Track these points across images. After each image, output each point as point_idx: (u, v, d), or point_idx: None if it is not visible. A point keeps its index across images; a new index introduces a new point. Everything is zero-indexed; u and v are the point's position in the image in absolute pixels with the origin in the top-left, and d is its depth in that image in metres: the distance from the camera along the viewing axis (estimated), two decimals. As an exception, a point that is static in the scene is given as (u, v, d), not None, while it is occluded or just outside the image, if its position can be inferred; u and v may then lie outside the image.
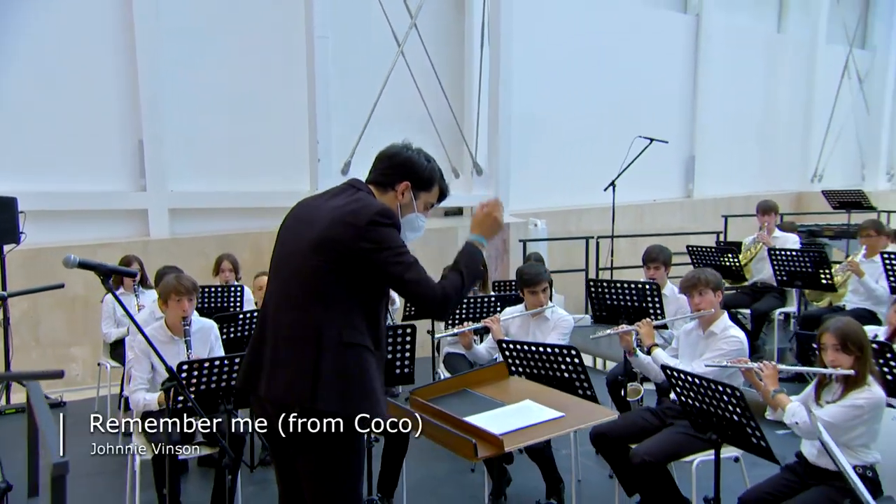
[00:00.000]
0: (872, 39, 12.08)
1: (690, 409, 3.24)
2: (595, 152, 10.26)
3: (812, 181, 11.49)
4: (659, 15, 11.10)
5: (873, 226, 6.11)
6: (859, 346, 3.17)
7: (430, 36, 8.44)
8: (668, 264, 5.24)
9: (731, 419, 3.03)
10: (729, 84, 11.15)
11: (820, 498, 3.11)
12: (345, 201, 2.35)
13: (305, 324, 2.29)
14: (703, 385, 3.10)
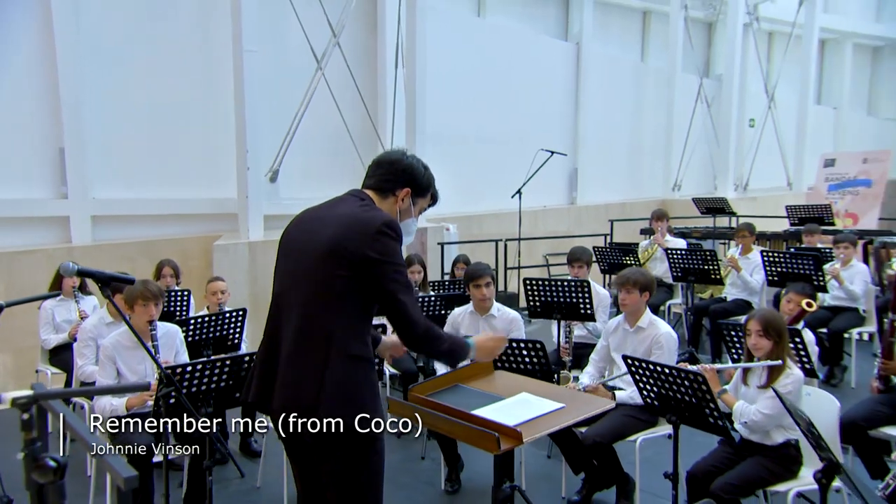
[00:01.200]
0: (717, 69, 12.92)
1: (648, 394, 3.34)
2: (494, 163, 10.48)
3: (673, 190, 12.16)
4: (546, 42, 11.45)
5: (747, 228, 6.59)
6: (779, 332, 3.40)
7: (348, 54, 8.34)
8: (589, 263, 5.41)
9: (689, 402, 3.15)
10: (604, 105, 11.65)
11: (756, 466, 3.32)
12: (351, 209, 2.24)
13: (316, 332, 2.18)
14: (664, 372, 3.21)
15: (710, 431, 3.19)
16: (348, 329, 2.19)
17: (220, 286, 5.12)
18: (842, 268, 5.88)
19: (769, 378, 3.37)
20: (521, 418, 2.50)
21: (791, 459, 3.37)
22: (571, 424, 2.57)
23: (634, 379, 3.39)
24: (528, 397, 2.75)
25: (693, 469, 3.41)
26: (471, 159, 10.31)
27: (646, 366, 3.28)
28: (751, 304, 6.34)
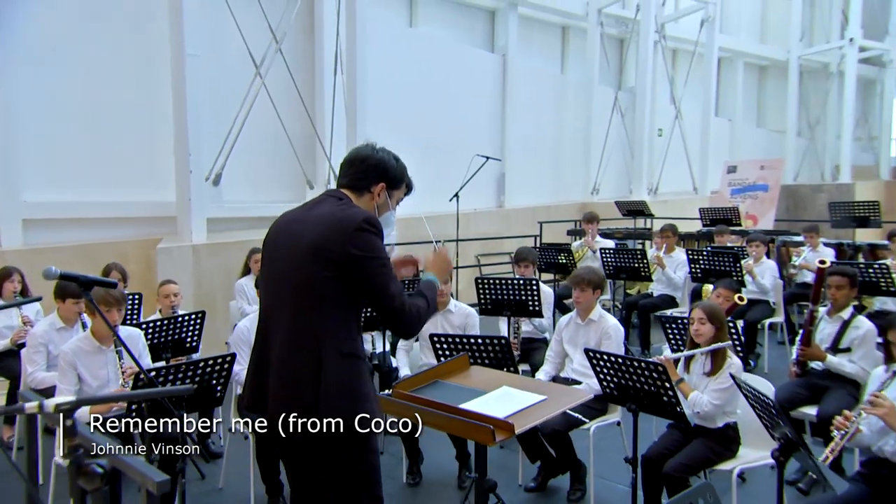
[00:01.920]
0: (629, 83, 13.34)
1: (608, 384, 3.41)
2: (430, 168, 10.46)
3: (592, 194, 12.48)
4: (475, 53, 11.52)
5: (671, 229, 6.85)
6: (719, 320, 3.58)
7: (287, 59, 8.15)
8: (535, 263, 5.49)
9: (648, 391, 3.23)
10: (529, 114, 11.84)
11: (702, 447, 3.46)
12: (329, 209, 2.18)
13: (307, 335, 2.10)
14: (625, 363, 3.29)
15: (668, 418, 3.29)
16: (339, 329, 2.13)
17: (172, 289, 4.92)
18: (754, 264, 6.19)
19: (713, 366, 3.52)
20: (510, 410, 2.51)
21: (731, 441, 3.53)
22: (556, 415, 2.59)
23: (595, 370, 3.47)
24: (510, 391, 2.75)
25: (648, 453, 3.52)
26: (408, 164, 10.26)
27: (607, 358, 3.35)
28: (675, 298, 6.59)
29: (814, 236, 6.96)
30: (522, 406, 2.55)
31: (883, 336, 3.40)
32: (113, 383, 3.56)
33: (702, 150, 13.08)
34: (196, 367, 3.19)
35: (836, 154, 16.10)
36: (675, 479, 3.32)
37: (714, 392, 3.43)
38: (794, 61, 15.98)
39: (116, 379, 3.56)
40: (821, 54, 16.46)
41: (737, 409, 3.53)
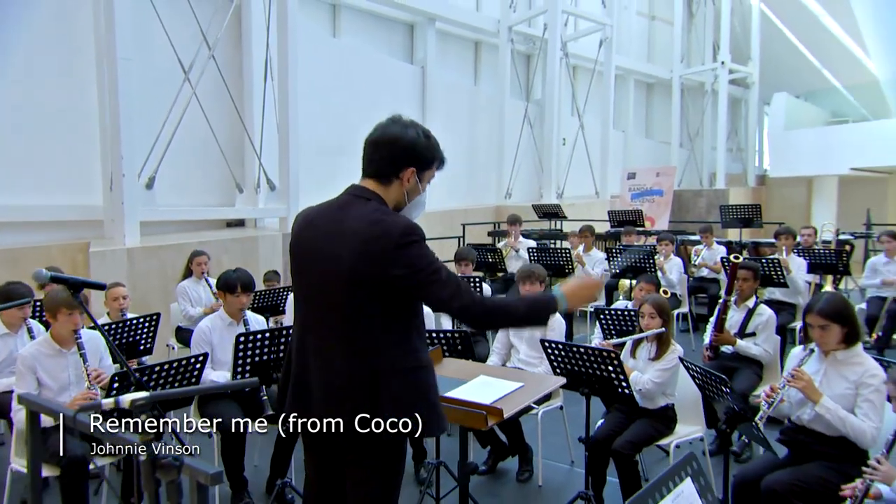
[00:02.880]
0: (536, 95, 13.73)
1: (562, 371, 3.53)
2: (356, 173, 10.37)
3: (505, 197, 12.74)
4: (396, 64, 11.52)
5: (589, 229, 7.14)
6: (667, 313, 3.77)
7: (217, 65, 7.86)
8: (474, 262, 5.58)
9: (600, 376, 3.37)
10: (446, 123, 11.94)
11: (645, 426, 3.63)
12: (361, 223, 1.92)
13: (357, 359, 1.93)
14: (578, 351, 3.41)
15: (617, 400, 3.44)
16: (395, 344, 1.96)
17: (120, 291, 4.67)
18: (664, 261, 6.55)
19: (658, 352, 3.71)
20: (494, 397, 2.56)
21: (670, 419, 3.73)
22: (536, 399, 2.67)
23: (549, 358, 3.58)
24: (488, 379, 2.81)
25: (596, 434, 3.65)
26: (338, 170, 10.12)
27: (562, 346, 3.47)
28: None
29: (708, 236, 7.45)
30: (504, 393, 2.61)
31: (803, 319, 3.69)
32: (74, 386, 3.35)
33: (602, 158, 13.65)
34: (171, 368, 3.06)
35: (712, 163, 17.21)
36: (624, 456, 3.48)
37: (657, 372, 3.62)
38: (677, 80, 16.97)
39: (78, 382, 3.35)
40: (698, 74, 17.54)
41: (675, 391, 3.74)
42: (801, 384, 2.95)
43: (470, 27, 12.63)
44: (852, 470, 2.87)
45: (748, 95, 18.15)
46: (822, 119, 17.89)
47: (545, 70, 13.14)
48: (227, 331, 3.89)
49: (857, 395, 2.92)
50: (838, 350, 3.01)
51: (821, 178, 16.84)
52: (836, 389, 2.97)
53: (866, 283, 6.55)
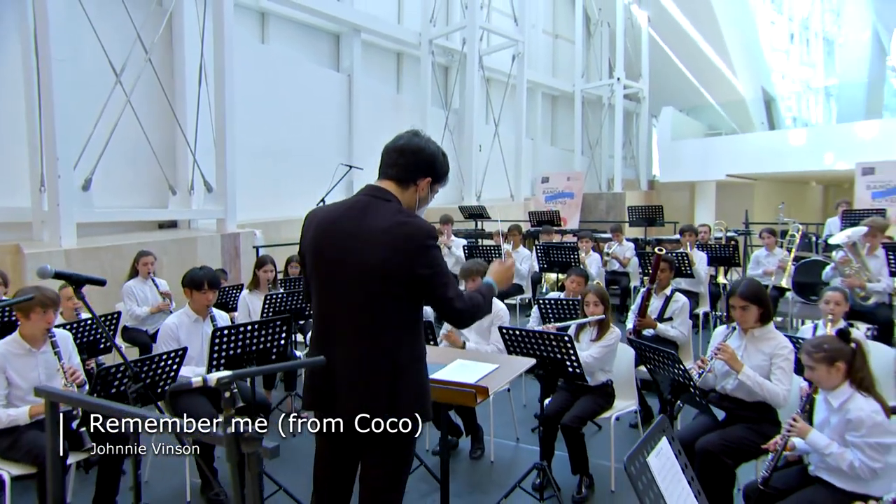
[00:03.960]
0: (455, 104, 13.95)
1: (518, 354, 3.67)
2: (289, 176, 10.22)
3: (427, 200, 12.83)
4: (323, 72, 11.40)
5: (517, 228, 7.37)
6: (606, 300, 4.01)
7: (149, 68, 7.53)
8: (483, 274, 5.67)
9: (555, 358, 3.55)
10: (372, 129, 11.96)
11: (589, 402, 3.84)
12: (387, 224, 1.98)
13: (380, 351, 2.00)
14: (535, 336, 3.57)
15: (569, 379, 3.63)
16: (409, 336, 2.05)
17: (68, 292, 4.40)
18: (585, 256, 6.88)
19: (599, 334, 3.94)
20: (476, 377, 2.67)
21: (609, 395, 3.96)
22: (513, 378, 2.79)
23: (507, 344, 3.72)
24: (465, 363, 2.91)
25: (546, 412, 3.83)
26: (270, 172, 9.94)
27: (519, 332, 3.62)
28: (521, 286, 7.11)
29: (619, 234, 7.88)
30: (484, 373, 2.72)
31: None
32: (45, 385, 3.16)
33: (516, 164, 14.03)
34: (151, 362, 2.96)
35: (609, 169, 18.06)
36: (572, 429, 3.68)
37: (598, 349, 3.85)
38: (578, 94, 17.70)
39: (48, 380, 3.17)
40: (596, 89, 18.37)
41: (612, 368, 3.98)
42: (727, 356, 3.24)
43: (393, 39, 12.67)
44: (769, 430, 3.19)
45: (639, 109, 19.18)
46: (701, 131, 19.19)
47: (463, 81, 13.38)
48: (193, 327, 3.79)
49: (772, 365, 3.24)
50: (755, 328, 3.32)
51: (702, 182, 18.08)
52: (754, 361, 3.28)
53: (751, 273, 7.14)
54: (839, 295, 4.15)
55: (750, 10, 21.00)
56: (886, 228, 6.43)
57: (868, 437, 2.57)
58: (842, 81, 22.10)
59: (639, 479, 1.82)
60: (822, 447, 2.68)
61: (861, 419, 2.60)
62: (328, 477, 2.20)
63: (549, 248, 6.71)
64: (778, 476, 2.89)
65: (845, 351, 2.68)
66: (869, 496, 2.58)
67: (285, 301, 4.91)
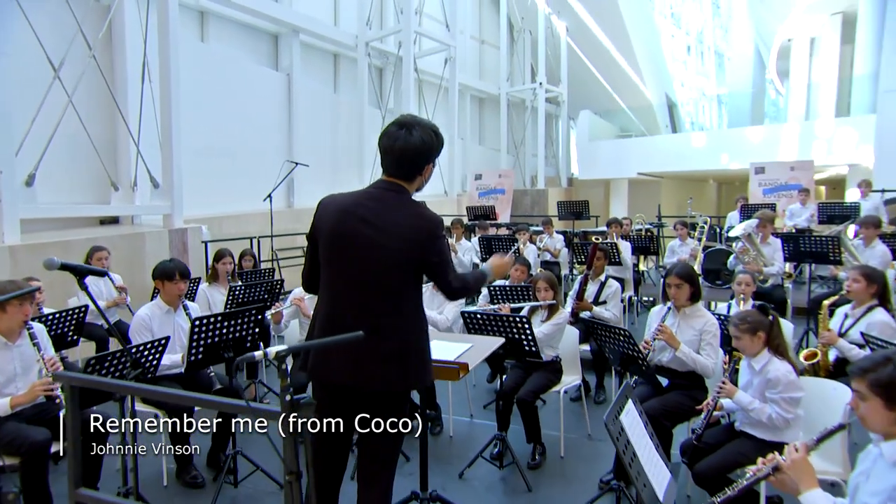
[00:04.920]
0: (391, 105, 13.96)
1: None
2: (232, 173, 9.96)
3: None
4: (262, 71, 11.16)
5: (460, 222, 7.56)
6: (555, 286, 4.24)
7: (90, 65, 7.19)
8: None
9: (513, 339, 3.73)
10: (312, 126, 11.84)
11: (540, 377, 4.05)
12: (404, 218, 2.13)
13: (393, 327, 2.14)
14: (497, 319, 3.74)
15: (526, 357, 3.82)
16: (418, 312, 2.22)
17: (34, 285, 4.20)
18: (523, 248, 7.15)
19: (549, 315, 4.16)
20: (455, 355, 2.79)
21: (558, 370, 4.19)
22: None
23: (468, 327, 3.87)
24: (440, 343, 3.02)
25: (503, 388, 4.01)
26: (212, 169, 9.66)
27: (480, 315, 3.78)
28: (463, 276, 7.30)
29: (549, 227, 8.21)
30: (461, 352, 2.85)
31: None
32: (21, 378, 3.05)
33: (449, 162, 14.20)
34: (138, 352, 2.93)
35: (533, 167, 18.59)
36: (527, 403, 3.88)
37: (548, 327, 4.08)
38: (504, 96, 18.09)
39: (24, 373, 3.06)
40: (520, 92, 18.82)
41: (559, 345, 4.22)
42: (666, 336, 3.52)
43: (330, 40, 12.54)
44: (699, 395, 3.51)
45: (559, 112, 19.82)
46: (614, 133, 20.07)
47: (397, 83, 13.41)
48: (165, 318, 3.73)
49: (701, 340, 3.55)
50: (686, 306, 3.63)
51: (615, 180, 18.94)
52: (686, 335, 3.59)
53: (667, 260, 7.65)
54: (748, 277, 4.59)
55: (654, 24, 22.11)
56: (774, 219, 7.06)
57: (783, 393, 2.91)
58: (731, 91, 23.61)
59: (616, 434, 2.03)
60: (746, 404, 3.00)
61: (778, 378, 2.93)
62: (328, 451, 2.29)
63: (491, 240, 6.93)
64: (708, 433, 3.20)
65: (765, 323, 3.00)
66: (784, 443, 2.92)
67: (246, 293, 4.87)
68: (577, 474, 3.81)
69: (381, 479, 2.22)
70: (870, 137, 11.73)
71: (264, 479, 3.55)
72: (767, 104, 22.06)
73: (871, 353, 2.98)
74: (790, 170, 10.63)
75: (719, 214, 13.60)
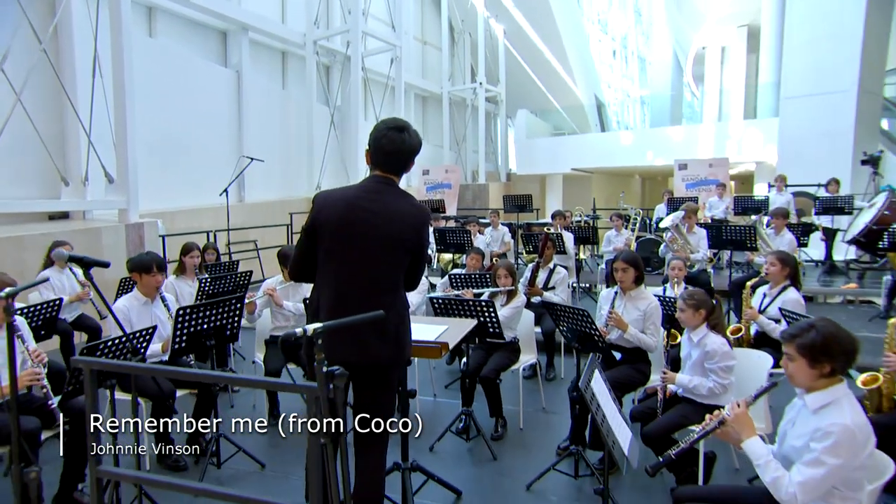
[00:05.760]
0: (338, 102, 13.84)
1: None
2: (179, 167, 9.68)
3: (316, 189, 12.72)
4: (212, 67, 10.86)
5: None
6: (514, 273, 4.44)
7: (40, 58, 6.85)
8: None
9: (480, 321, 3.90)
10: (262, 121, 11.63)
11: (501, 356, 4.24)
12: (401, 206, 2.29)
13: (390, 306, 2.25)
14: (463, 302, 3.90)
15: (491, 338, 4.00)
16: (403, 291, 2.40)
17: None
18: (475, 238, 7.34)
19: (508, 299, 4.36)
20: (434, 335, 2.94)
21: (517, 350, 4.40)
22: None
23: (436, 310, 4.02)
24: (419, 326, 3.15)
25: (468, 368, 4.17)
26: (163, 164, 9.36)
27: (448, 300, 3.93)
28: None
29: (496, 219, 8.45)
30: (439, 332, 3.00)
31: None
32: (3, 369, 2.97)
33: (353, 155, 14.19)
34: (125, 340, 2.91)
35: (474, 163, 18.86)
36: (490, 380, 4.07)
37: (508, 310, 4.29)
38: (446, 95, 18.25)
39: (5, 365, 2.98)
40: (461, 92, 19.04)
41: (517, 326, 4.43)
42: (616, 321, 3.78)
43: (279, 38, 12.32)
44: (644, 368, 3.80)
45: (498, 110, 20.17)
46: (549, 131, 20.62)
47: (345, 81, 13.32)
48: (143, 309, 3.69)
49: (646, 320, 3.83)
50: (632, 289, 3.91)
51: (551, 175, 19.48)
52: (631, 315, 3.86)
53: (604, 249, 8.04)
54: (680, 262, 4.96)
55: (584, 29, 22.81)
56: (697, 210, 7.56)
57: (720, 362, 3.22)
58: (652, 93, 24.71)
59: (590, 398, 2.24)
60: (687, 383, 3.30)
61: (715, 350, 3.23)
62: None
63: (445, 232, 7.09)
64: (651, 400, 3.49)
65: (709, 303, 3.31)
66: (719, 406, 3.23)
67: (215, 285, 4.84)
68: (536, 443, 4.04)
69: (378, 445, 2.37)
70: (774, 138, 12.61)
71: (247, 460, 3.59)
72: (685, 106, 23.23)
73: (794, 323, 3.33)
74: (709, 166, 11.33)
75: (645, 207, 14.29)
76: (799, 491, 1.95)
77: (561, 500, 3.33)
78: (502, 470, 3.69)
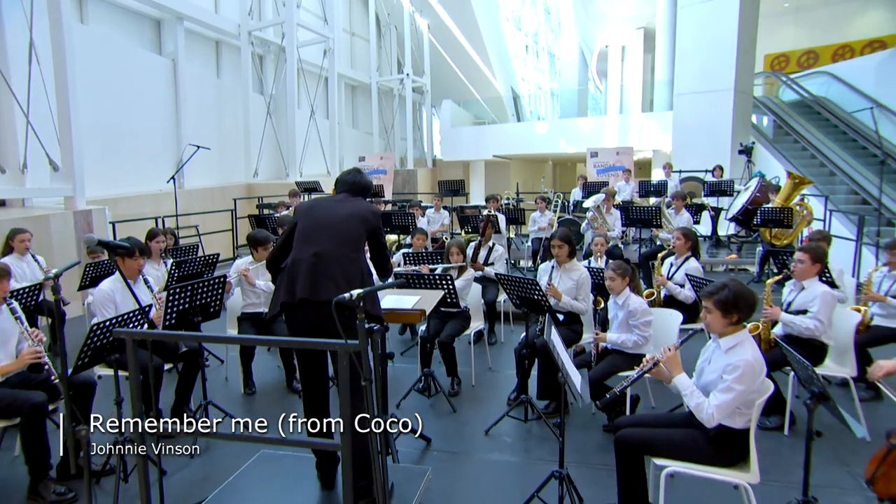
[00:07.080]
0: (273, 91, 13.51)
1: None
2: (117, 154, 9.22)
3: (253, 176, 12.46)
4: (146, 55, 10.34)
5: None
6: (464, 251, 4.74)
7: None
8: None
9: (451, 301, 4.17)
10: (197, 109, 11.22)
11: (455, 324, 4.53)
12: (362, 207, 2.84)
13: (353, 262, 2.69)
14: (425, 276, 4.16)
15: (446, 307, 4.28)
16: (365, 261, 2.77)
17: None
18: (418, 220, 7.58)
19: (459, 274, 4.66)
20: (410, 304, 3.20)
21: (467, 318, 4.71)
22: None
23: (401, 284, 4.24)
24: (393, 297, 3.39)
25: (428, 335, 4.44)
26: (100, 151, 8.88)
27: (411, 274, 4.17)
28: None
29: (439, 202, 8.72)
30: (414, 301, 3.27)
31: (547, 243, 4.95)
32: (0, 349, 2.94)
33: (330, 145, 14.12)
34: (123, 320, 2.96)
35: (402, 150, 18.98)
36: (447, 344, 4.38)
37: (461, 282, 4.61)
38: (374, 85, 18.18)
39: (3, 344, 2.96)
40: (389, 82, 19.02)
41: (468, 297, 4.75)
42: (553, 292, 4.17)
43: (213, 28, 11.85)
44: (577, 328, 4.23)
45: (424, 100, 20.30)
46: (471, 120, 21.01)
47: (280, 71, 13.03)
48: (126, 291, 3.67)
49: (578, 288, 4.26)
50: (566, 262, 4.32)
51: (474, 161, 19.94)
52: (566, 285, 4.27)
53: (530, 229, 8.51)
54: (602, 239, 5.44)
55: (500, 25, 23.30)
56: (615, 194, 8.18)
57: (641, 318, 3.69)
58: (561, 86, 25.65)
59: (552, 347, 2.58)
60: (616, 339, 3.75)
61: (636, 308, 3.70)
62: (311, 366, 2.76)
63: (390, 215, 7.28)
64: (587, 354, 3.93)
65: (629, 270, 3.76)
66: (642, 355, 3.71)
67: (184, 268, 4.82)
68: (487, 396, 4.40)
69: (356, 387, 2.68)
70: (668, 129, 13.62)
71: (214, 410, 3.71)
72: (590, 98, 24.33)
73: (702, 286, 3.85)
74: (616, 154, 12.11)
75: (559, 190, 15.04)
76: (716, 412, 2.40)
77: (515, 440, 3.70)
78: (462, 420, 4.02)
